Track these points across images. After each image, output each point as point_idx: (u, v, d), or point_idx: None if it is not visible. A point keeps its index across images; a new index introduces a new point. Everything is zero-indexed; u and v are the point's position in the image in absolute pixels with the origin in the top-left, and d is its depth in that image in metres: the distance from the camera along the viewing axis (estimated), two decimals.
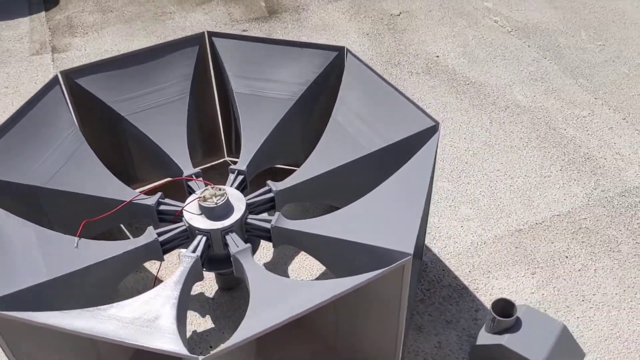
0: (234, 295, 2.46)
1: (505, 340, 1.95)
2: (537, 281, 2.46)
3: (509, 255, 2.58)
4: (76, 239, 2.02)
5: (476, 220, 2.74)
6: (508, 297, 2.15)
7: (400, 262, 1.67)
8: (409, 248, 1.72)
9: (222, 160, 3.09)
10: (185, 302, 1.95)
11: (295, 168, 2.66)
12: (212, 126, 2.93)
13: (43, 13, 4.51)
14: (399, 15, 4.30)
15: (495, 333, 1.97)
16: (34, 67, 3.90)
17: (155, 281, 2.48)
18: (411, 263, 1.70)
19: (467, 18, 4.26)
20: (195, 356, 1.45)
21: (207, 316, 2.37)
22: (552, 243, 2.62)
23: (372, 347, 2.03)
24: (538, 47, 3.93)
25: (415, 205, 1.86)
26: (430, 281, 2.48)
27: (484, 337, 2.00)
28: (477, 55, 3.85)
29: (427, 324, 2.32)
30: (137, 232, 2.71)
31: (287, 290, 1.83)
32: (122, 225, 2.74)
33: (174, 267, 2.56)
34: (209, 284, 2.49)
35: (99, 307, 1.76)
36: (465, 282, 2.47)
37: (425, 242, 2.62)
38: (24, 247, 1.90)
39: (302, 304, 1.64)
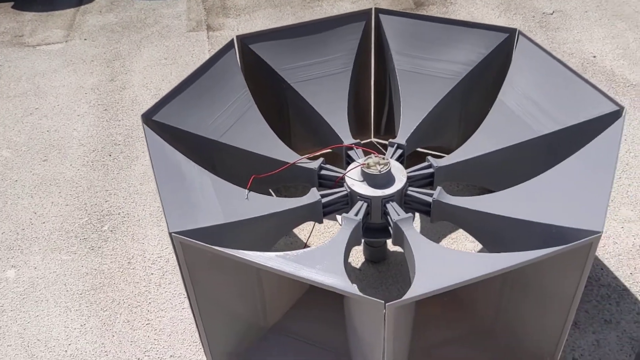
0: (380, 268, 2.46)
1: None
2: None
3: None
4: (246, 191, 2.10)
5: (639, 222, 2.57)
6: None
7: (588, 238, 1.60)
8: (598, 226, 1.64)
9: (368, 140, 3.11)
10: (346, 264, 1.97)
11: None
12: (364, 104, 2.95)
13: None
14: (551, 14, 4.15)
15: None
16: (190, 43, 4.12)
17: (305, 247, 2.53)
18: (599, 242, 1.62)
19: (627, 20, 4.03)
20: (381, 301, 1.46)
21: (354, 285, 2.38)
22: None
23: (533, 334, 1.94)
24: None
25: (602, 183, 1.77)
26: (587, 279, 2.34)
27: None
28: (638, 58, 3.63)
29: (584, 321, 2.20)
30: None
31: (456, 259, 1.79)
32: (270, 190, 2.82)
33: (321, 236, 2.60)
34: (355, 255, 2.51)
35: (268, 252, 1.81)
36: (626, 284, 2.33)
37: None
38: (203, 191, 2.00)
39: (477, 271, 1.60)
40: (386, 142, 2.44)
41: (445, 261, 1.76)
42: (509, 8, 4.23)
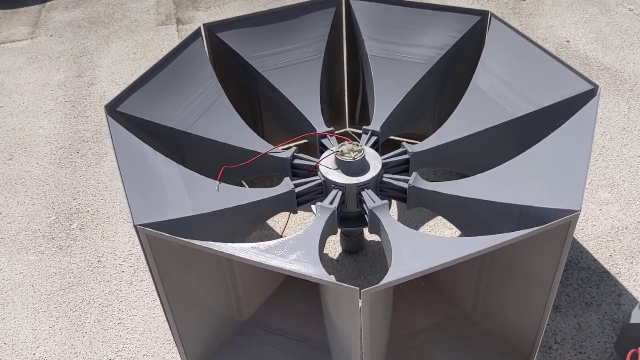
0: (357, 258, 2.41)
1: None
2: None
3: None
4: (217, 182, 2.03)
5: (616, 204, 2.56)
6: None
7: (565, 217, 1.56)
8: (575, 205, 1.60)
9: (343, 130, 3.05)
10: (322, 253, 1.92)
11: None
12: (338, 93, 2.90)
13: None
14: (524, 0, 4.13)
15: None
16: (160, 37, 4.03)
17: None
18: (577, 220, 1.58)
19: (598, 5, 4.03)
20: (356, 287, 1.40)
21: (332, 276, 2.33)
22: None
23: (514, 319, 1.91)
24: None
25: (579, 162, 1.73)
26: (567, 262, 2.33)
27: None
28: (611, 42, 3.63)
29: (565, 304, 2.18)
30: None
31: (432, 244, 1.75)
32: (242, 182, 2.75)
33: (298, 228, 2.55)
34: (332, 247, 2.46)
35: (239, 243, 1.74)
36: (606, 266, 2.30)
37: None
38: (171, 183, 1.92)
39: (454, 254, 1.56)
40: (361, 132, 2.39)
41: (422, 246, 1.71)
42: None
